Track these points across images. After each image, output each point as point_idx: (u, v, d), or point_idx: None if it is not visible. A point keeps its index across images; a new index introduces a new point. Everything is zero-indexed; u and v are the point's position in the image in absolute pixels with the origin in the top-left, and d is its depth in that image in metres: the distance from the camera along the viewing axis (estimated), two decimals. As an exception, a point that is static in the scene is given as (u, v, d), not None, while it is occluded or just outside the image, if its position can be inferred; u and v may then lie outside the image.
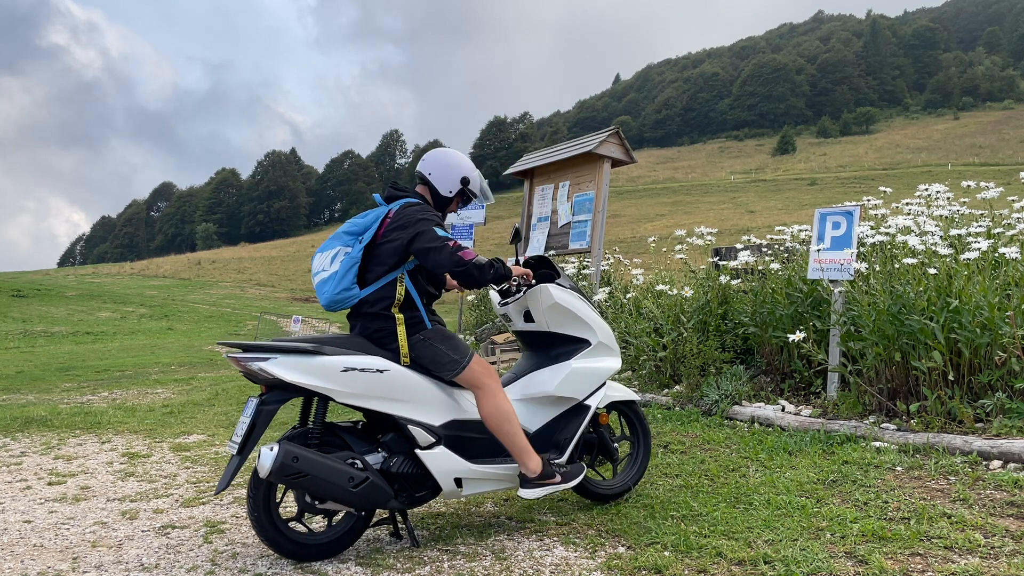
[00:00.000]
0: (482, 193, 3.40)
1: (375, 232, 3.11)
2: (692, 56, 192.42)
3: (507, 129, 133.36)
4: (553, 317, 3.43)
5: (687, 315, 6.11)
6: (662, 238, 8.83)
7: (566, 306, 3.42)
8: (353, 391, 2.91)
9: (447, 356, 3.05)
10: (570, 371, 3.39)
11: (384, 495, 2.94)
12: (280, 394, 2.91)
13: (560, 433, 3.38)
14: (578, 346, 3.47)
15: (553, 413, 3.41)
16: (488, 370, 3.09)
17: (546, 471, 3.05)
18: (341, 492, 2.84)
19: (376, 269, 3.08)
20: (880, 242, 4.79)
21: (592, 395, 3.47)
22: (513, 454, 3.06)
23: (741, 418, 5.14)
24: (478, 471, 3.14)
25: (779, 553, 2.81)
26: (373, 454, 3.03)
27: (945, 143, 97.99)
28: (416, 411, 3.03)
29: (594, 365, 3.47)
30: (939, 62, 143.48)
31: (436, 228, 3.04)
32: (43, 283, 43.39)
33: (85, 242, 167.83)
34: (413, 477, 3.05)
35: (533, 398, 3.39)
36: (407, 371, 3.03)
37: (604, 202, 9.05)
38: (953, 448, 3.90)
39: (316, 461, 2.80)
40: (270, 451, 2.75)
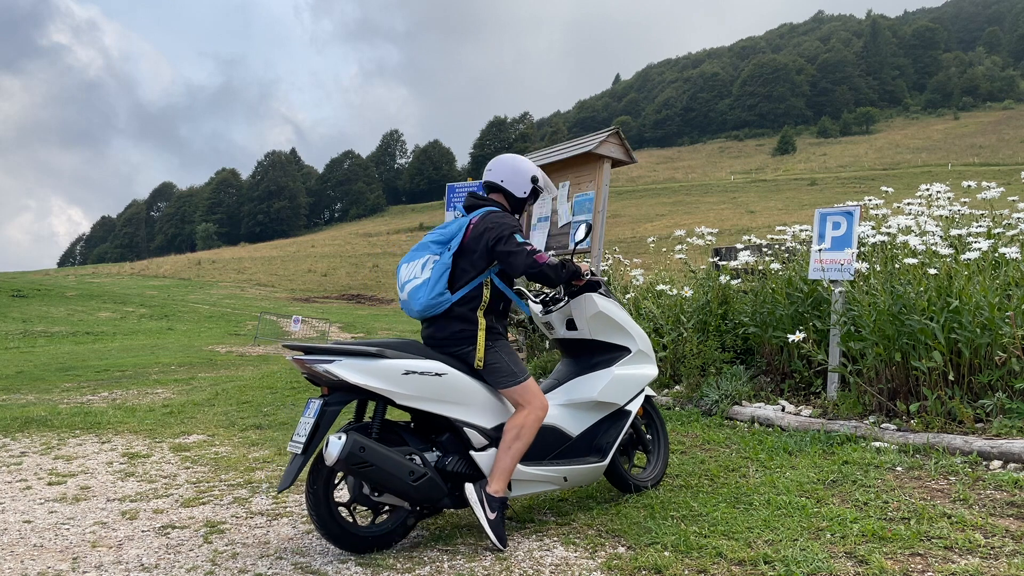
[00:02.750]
0: (547, 188, 3.59)
1: (461, 240, 3.30)
2: (692, 56, 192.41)
3: (507, 129, 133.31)
4: (596, 325, 3.56)
5: (687, 315, 6.11)
6: (662, 238, 8.84)
7: (609, 315, 3.56)
8: (412, 393, 3.02)
9: (509, 368, 3.24)
10: (612, 378, 3.53)
11: (440, 492, 3.06)
12: (342, 395, 3.01)
13: (602, 437, 3.53)
14: (619, 354, 3.60)
15: (595, 418, 3.54)
16: (540, 398, 3.25)
17: (494, 502, 3.08)
18: (401, 485, 2.94)
19: (465, 275, 3.27)
20: (881, 242, 4.79)
21: (632, 400, 3.62)
22: (496, 468, 3.12)
23: (741, 418, 5.14)
24: (527, 473, 3.26)
25: (779, 553, 2.81)
26: (429, 452, 3.15)
27: (945, 143, 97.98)
28: (471, 414, 3.16)
29: (634, 372, 3.62)
30: (939, 62, 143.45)
31: (516, 235, 3.25)
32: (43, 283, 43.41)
33: (85, 242, 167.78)
34: (465, 477, 3.17)
35: (576, 403, 3.51)
36: (463, 376, 3.17)
37: (604, 202, 9.05)
38: (953, 448, 3.90)
39: (381, 453, 2.91)
40: (338, 440, 2.84)
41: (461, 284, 3.27)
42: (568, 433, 3.46)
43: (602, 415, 3.55)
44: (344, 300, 38.00)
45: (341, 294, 40.62)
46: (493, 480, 3.13)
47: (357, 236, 79.38)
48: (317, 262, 54.57)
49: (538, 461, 3.32)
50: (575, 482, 3.45)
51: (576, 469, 3.41)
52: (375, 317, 26.65)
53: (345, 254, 60.02)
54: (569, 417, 3.50)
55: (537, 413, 3.22)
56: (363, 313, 29.29)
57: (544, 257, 3.23)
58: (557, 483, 3.37)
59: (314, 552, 3.22)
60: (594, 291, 3.58)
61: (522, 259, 3.20)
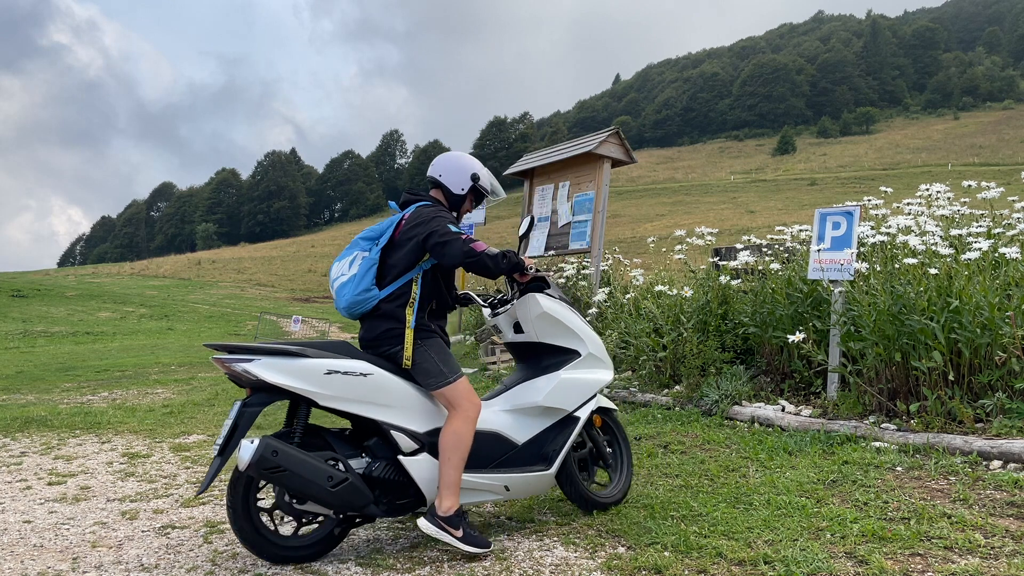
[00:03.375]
0: (492, 189, 3.45)
1: (391, 235, 3.20)
2: (692, 56, 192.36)
3: (507, 129, 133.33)
4: (542, 327, 3.41)
5: (687, 315, 6.11)
6: (662, 238, 8.83)
7: (555, 316, 3.40)
8: (336, 394, 2.91)
9: (438, 368, 3.08)
10: (559, 382, 3.36)
11: (363, 499, 2.92)
12: (264, 396, 2.91)
13: (549, 445, 3.35)
14: (568, 357, 3.44)
15: (542, 425, 3.36)
16: (471, 397, 3.08)
17: (453, 520, 2.95)
18: (319, 491, 2.82)
19: (393, 270, 3.16)
20: (880, 242, 4.79)
21: (582, 407, 3.43)
22: (441, 484, 2.98)
23: (741, 418, 5.14)
24: (471, 480, 3.12)
25: (779, 553, 2.81)
26: (357, 458, 3.02)
27: (945, 143, 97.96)
28: (400, 416, 3.02)
29: (584, 376, 3.44)
30: (939, 62, 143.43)
31: (449, 224, 3.12)
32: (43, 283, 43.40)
33: (85, 242, 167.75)
34: (395, 484, 3.02)
35: (522, 409, 3.35)
36: (392, 376, 3.05)
37: (604, 202, 9.05)
38: (953, 448, 3.90)
39: (295, 457, 2.79)
40: (250, 444, 2.74)
41: (389, 280, 3.15)
42: (513, 440, 3.29)
43: (550, 422, 3.37)
44: (344, 300, 37.93)
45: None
46: (442, 499, 2.98)
47: (357, 236, 79.19)
48: (317, 262, 54.56)
49: (478, 469, 3.17)
50: (519, 492, 3.28)
51: (519, 478, 3.24)
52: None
53: (345, 254, 59.90)
54: (514, 424, 3.33)
55: (468, 414, 3.04)
56: (363, 313, 29.21)
57: (482, 246, 3.09)
58: (498, 492, 3.20)
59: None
60: (541, 290, 3.44)
61: (457, 247, 3.05)
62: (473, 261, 3.07)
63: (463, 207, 3.42)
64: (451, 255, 3.05)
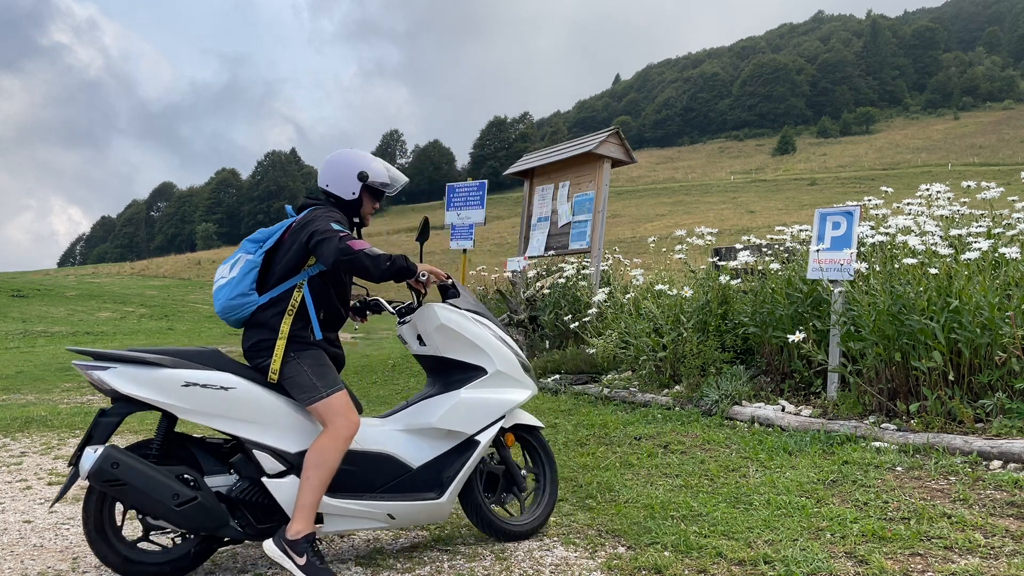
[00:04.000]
0: (391, 180, 3.16)
1: (279, 238, 2.98)
2: (692, 56, 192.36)
3: (507, 129, 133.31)
4: (443, 340, 3.14)
5: (687, 315, 6.11)
6: (662, 238, 8.84)
7: (455, 328, 3.13)
8: (195, 407, 2.71)
9: (310, 382, 2.82)
10: (457, 402, 3.07)
11: (214, 520, 2.70)
12: (124, 406, 2.74)
13: (448, 470, 3.04)
14: (473, 374, 3.14)
15: (441, 448, 3.07)
16: (347, 414, 2.82)
17: (299, 545, 2.67)
18: (163, 508, 2.62)
19: (275, 275, 2.94)
20: (880, 242, 4.79)
21: (484, 430, 3.10)
22: (297, 504, 2.71)
23: (741, 418, 5.14)
24: (343, 506, 2.86)
25: (779, 553, 2.81)
26: (223, 475, 2.82)
27: (945, 143, 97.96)
28: (265, 434, 2.79)
29: (488, 396, 3.13)
30: (939, 62, 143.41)
31: (333, 223, 2.86)
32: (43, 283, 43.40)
33: (85, 242, 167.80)
34: (261, 506, 2.81)
35: (418, 430, 3.08)
36: (260, 391, 2.82)
37: (604, 202, 9.05)
38: (953, 448, 3.90)
39: (139, 471, 2.60)
40: (93, 452, 2.58)
41: (270, 286, 2.93)
42: (406, 463, 3.01)
43: (449, 445, 3.07)
44: (344, 300, 37.93)
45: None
46: (295, 520, 2.70)
47: (357, 236, 79.21)
48: (317, 262, 54.43)
49: (361, 493, 2.91)
50: (406, 521, 3.00)
51: (406, 506, 2.95)
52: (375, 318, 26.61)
53: (345, 254, 59.89)
54: (408, 445, 3.05)
55: (339, 432, 2.76)
56: (363, 313, 29.21)
57: (361, 244, 2.80)
58: (380, 520, 2.93)
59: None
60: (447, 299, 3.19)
61: (333, 245, 2.75)
62: (348, 260, 2.76)
63: (363, 209, 3.15)
64: (326, 253, 2.77)
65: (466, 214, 12.45)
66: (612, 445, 4.79)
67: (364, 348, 14.75)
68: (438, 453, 3.07)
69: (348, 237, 2.80)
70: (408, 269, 2.93)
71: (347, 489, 2.89)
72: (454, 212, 12.60)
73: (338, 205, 3.10)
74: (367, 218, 3.20)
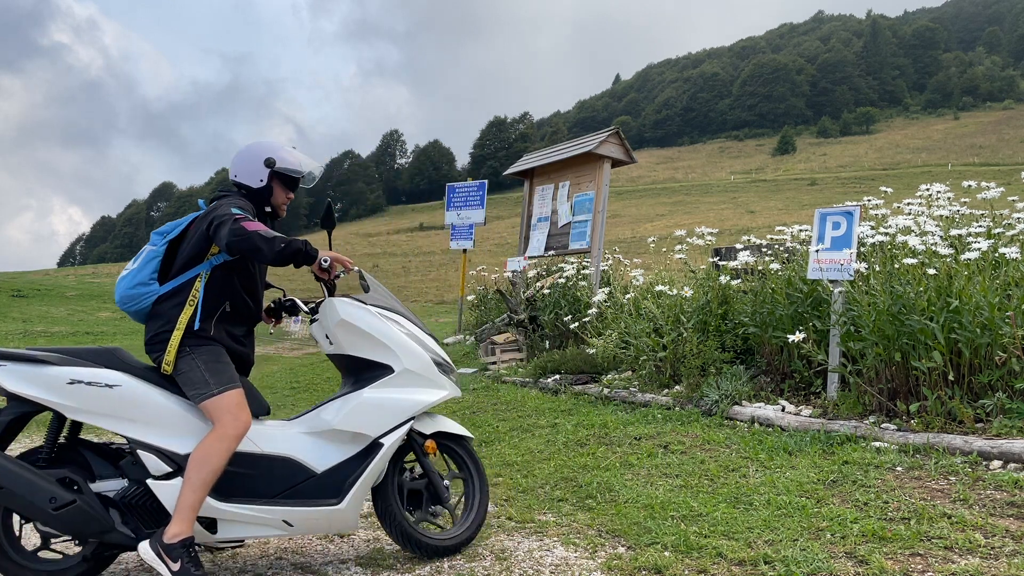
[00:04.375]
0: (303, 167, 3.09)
1: (183, 229, 2.94)
2: (692, 56, 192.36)
3: (507, 129, 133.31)
4: (345, 337, 3.00)
5: (687, 315, 6.11)
6: (662, 238, 8.83)
7: (357, 324, 2.98)
8: (81, 406, 2.65)
9: (202, 378, 2.74)
10: (359, 402, 2.93)
11: (96, 524, 2.61)
12: (17, 406, 2.68)
13: (351, 476, 2.89)
14: (379, 372, 2.99)
15: (347, 452, 2.93)
16: (237, 414, 2.72)
17: (174, 549, 2.57)
18: (41, 513, 2.56)
19: (177, 264, 2.88)
20: (880, 242, 4.79)
21: (390, 432, 2.94)
22: (176, 505, 2.62)
23: (741, 418, 5.14)
24: (231, 512, 2.73)
25: (779, 553, 2.81)
26: (115, 479, 2.74)
27: (945, 143, 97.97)
28: (151, 434, 2.70)
29: (394, 396, 2.97)
30: (939, 62, 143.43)
31: (233, 208, 2.79)
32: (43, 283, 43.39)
33: (85, 242, 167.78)
34: (150, 509, 2.71)
35: (322, 432, 2.94)
36: (148, 389, 2.75)
37: (604, 202, 9.06)
38: (953, 448, 3.90)
39: (14, 473, 2.54)
40: None
41: (172, 276, 2.87)
42: (309, 468, 2.88)
43: (356, 448, 2.92)
44: (344, 300, 37.95)
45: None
46: (173, 522, 2.60)
47: (357, 236, 79.33)
48: (317, 262, 54.47)
49: (256, 499, 2.79)
50: (304, 528, 2.87)
51: (303, 512, 2.82)
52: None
53: (345, 254, 59.99)
54: (313, 448, 2.91)
55: (227, 431, 2.67)
56: (363, 313, 29.25)
57: (255, 225, 2.70)
58: (276, 527, 2.80)
59: (313, 552, 3.22)
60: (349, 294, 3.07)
61: (227, 227, 2.68)
62: (239, 240, 2.67)
63: (275, 199, 3.08)
64: (221, 235, 2.71)
65: (466, 214, 12.46)
66: (612, 445, 4.78)
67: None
68: (344, 457, 2.92)
69: (244, 219, 2.72)
70: (306, 253, 2.80)
71: (243, 494, 2.79)
72: (454, 212, 12.60)
73: (249, 196, 3.03)
74: (281, 208, 3.12)
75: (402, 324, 3.11)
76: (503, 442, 5.22)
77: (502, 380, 7.81)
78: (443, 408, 6.78)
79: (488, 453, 4.97)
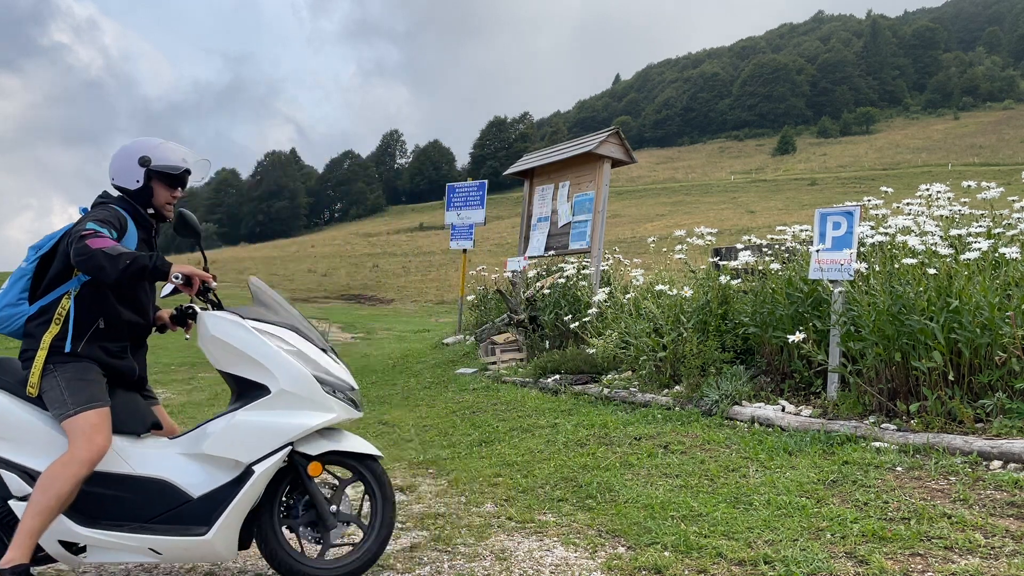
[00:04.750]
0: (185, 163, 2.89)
1: (54, 244, 2.78)
2: (692, 56, 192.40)
3: (507, 129, 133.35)
4: (220, 354, 2.78)
5: (687, 315, 6.11)
6: (662, 238, 8.84)
7: (229, 341, 2.75)
8: None
9: (60, 397, 2.61)
10: (230, 425, 2.71)
11: None
12: None
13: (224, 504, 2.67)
14: (258, 393, 2.76)
15: (223, 477, 2.72)
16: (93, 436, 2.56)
17: (11, 573, 2.45)
18: None
19: (46, 282, 2.74)
20: (880, 242, 4.79)
21: (263, 459, 2.68)
22: (17, 530, 2.48)
23: (741, 418, 5.14)
24: (95, 538, 2.59)
25: (779, 553, 2.81)
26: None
27: (945, 143, 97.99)
28: (14, 452, 2.60)
29: (269, 419, 2.71)
30: (939, 62, 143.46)
31: (92, 221, 2.62)
32: (43, 283, 43.38)
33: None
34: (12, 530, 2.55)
35: (196, 455, 2.74)
36: (13, 405, 2.65)
37: (604, 202, 9.06)
38: (953, 448, 3.90)
39: None
40: None
41: (41, 294, 2.74)
42: (185, 492, 2.69)
43: (233, 474, 2.71)
44: (344, 300, 37.99)
45: (341, 294, 40.60)
46: (11, 546, 2.45)
47: (357, 236, 79.39)
48: (317, 262, 54.55)
49: (124, 523, 2.65)
50: (173, 557, 2.69)
51: (171, 541, 2.63)
52: (375, 317, 26.63)
53: (345, 254, 60.02)
54: (190, 471, 2.72)
55: (79, 455, 2.50)
56: (363, 313, 29.27)
57: (101, 242, 2.51)
58: (144, 554, 2.63)
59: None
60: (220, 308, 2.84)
61: (75, 245, 2.52)
62: (83, 260, 2.50)
63: (156, 200, 2.88)
64: (71, 255, 2.54)
65: (466, 214, 12.46)
66: (612, 445, 4.78)
67: (364, 348, 14.75)
68: (220, 483, 2.70)
69: (92, 235, 2.54)
70: (154, 269, 2.57)
71: (111, 517, 2.64)
72: (454, 212, 12.60)
73: (130, 199, 2.87)
74: (164, 209, 2.91)
75: (286, 340, 2.83)
76: (503, 442, 5.22)
77: (502, 380, 7.80)
78: (442, 409, 6.78)
79: (488, 453, 4.97)
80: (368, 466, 2.90)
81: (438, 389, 7.97)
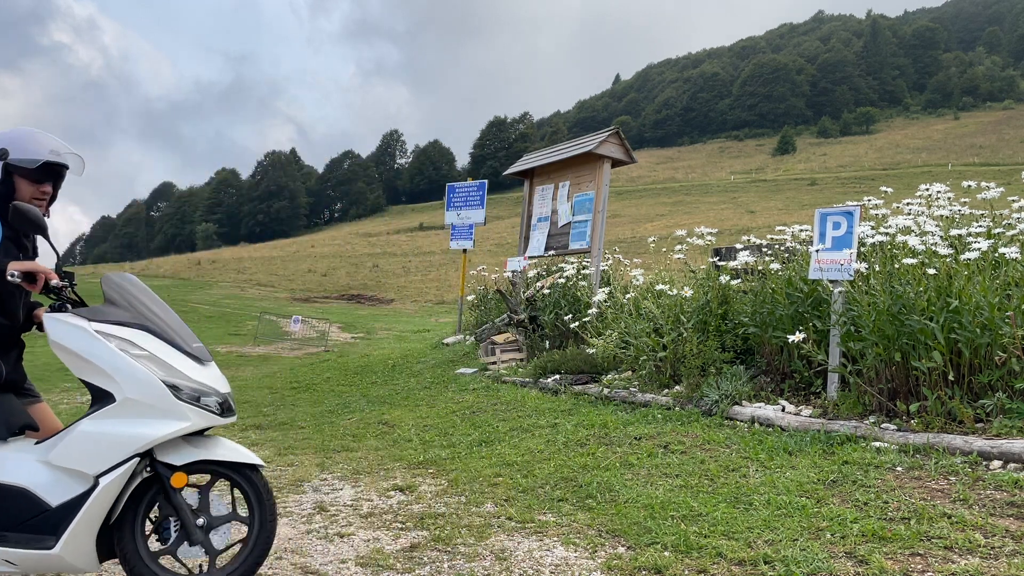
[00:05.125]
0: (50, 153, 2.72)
1: None
2: (692, 56, 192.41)
3: (507, 129, 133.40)
4: (66, 358, 2.62)
5: (687, 315, 6.11)
6: (662, 238, 8.84)
7: (68, 346, 2.59)
8: None
9: None
10: (74, 435, 2.56)
11: None
12: None
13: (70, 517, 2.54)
14: (105, 401, 2.59)
15: (78, 487, 2.56)
16: None
17: None
18: None
19: None
20: (880, 242, 4.79)
21: (111, 471, 2.52)
22: None
23: (741, 418, 5.14)
24: None
25: (779, 553, 2.81)
26: None
27: (945, 143, 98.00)
28: None
29: (113, 429, 2.55)
30: (939, 62, 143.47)
31: None
32: (43, 283, 43.33)
33: (85, 242, 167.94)
34: None
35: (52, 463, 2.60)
36: None
37: (604, 202, 9.06)
38: (953, 448, 3.90)
39: None
40: None
41: None
42: (43, 502, 2.54)
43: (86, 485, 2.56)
44: (344, 300, 37.99)
45: (341, 294, 40.60)
46: None
47: (357, 236, 79.37)
48: (317, 262, 54.54)
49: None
50: (30, 568, 2.57)
51: (20, 554, 2.51)
52: (375, 317, 26.65)
53: (345, 254, 60.02)
54: (49, 478, 2.57)
55: None
56: (363, 313, 29.28)
57: None
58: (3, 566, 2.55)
59: (313, 552, 3.22)
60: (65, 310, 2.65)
61: None
62: None
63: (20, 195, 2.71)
64: None
65: (466, 214, 12.46)
66: (612, 445, 4.79)
67: (364, 348, 14.75)
68: (76, 493, 2.54)
69: None
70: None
71: None
72: (454, 212, 12.61)
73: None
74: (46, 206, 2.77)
75: (136, 343, 2.63)
76: (503, 442, 5.22)
77: (502, 380, 7.80)
78: (443, 409, 6.78)
79: (488, 453, 4.97)
80: (245, 476, 2.72)
81: (438, 389, 7.97)
